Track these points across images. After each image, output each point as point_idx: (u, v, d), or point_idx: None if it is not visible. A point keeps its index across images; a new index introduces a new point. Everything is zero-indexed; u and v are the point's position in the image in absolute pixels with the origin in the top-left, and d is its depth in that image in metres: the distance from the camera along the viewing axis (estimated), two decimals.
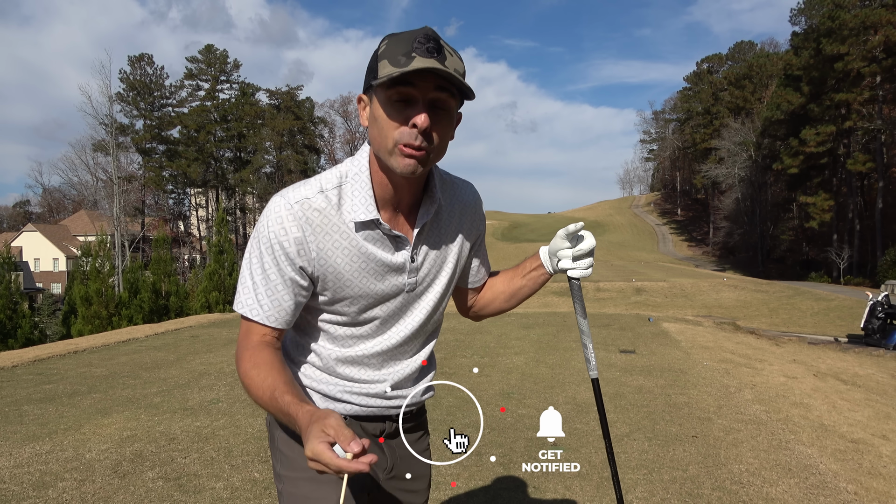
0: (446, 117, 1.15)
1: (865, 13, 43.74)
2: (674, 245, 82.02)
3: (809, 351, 12.15)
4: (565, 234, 1.37)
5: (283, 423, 1.36)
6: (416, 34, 1.10)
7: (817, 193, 51.64)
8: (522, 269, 1.48)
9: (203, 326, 10.91)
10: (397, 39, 1.11)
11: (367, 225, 1.22)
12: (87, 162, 58.34)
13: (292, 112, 70.36)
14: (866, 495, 3.37)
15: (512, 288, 1.49)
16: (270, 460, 3.95)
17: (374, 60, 1.13)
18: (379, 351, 1.33)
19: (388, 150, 1.14)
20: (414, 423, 1.45)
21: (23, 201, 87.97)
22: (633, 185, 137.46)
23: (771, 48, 78.72)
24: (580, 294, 1.45)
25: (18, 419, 4.72)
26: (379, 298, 1.28)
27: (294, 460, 1.29)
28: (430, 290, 1.34)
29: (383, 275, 1.26)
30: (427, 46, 1.08)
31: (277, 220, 1.19)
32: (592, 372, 1.48)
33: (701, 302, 26.18)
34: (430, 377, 1.46)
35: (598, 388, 1.51)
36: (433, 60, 1.08)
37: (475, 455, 3.87)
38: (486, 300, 1.54)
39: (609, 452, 1.51)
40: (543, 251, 1.44)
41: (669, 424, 4.61)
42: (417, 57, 1.07)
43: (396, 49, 1.10)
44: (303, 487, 1.24)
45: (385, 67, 1.09)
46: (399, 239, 1.25)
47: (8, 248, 18.29)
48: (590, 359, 1.48)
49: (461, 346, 8.31)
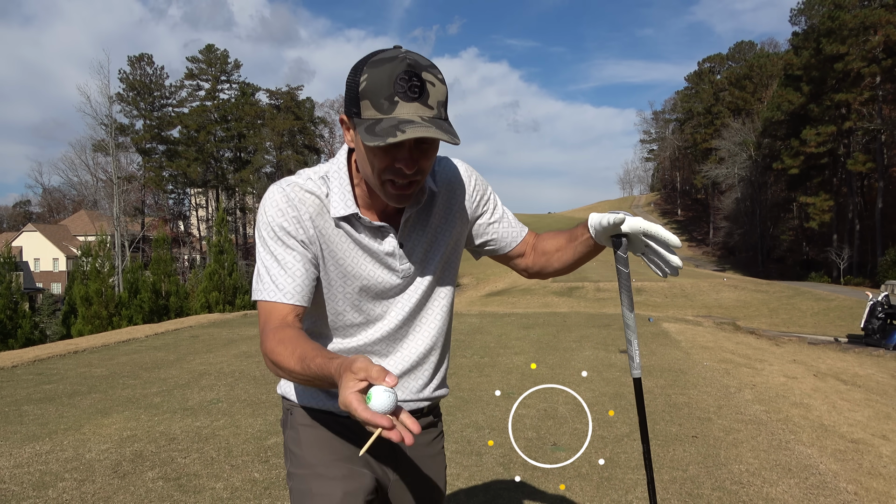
0: (431, 148, 1.16)
1: (865, 13, 43.76)
2: None
3: (809, 351, 12.15)
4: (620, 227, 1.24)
5: (290, 422, 1.39)
6: (396, 69, 1.07)
7: (817, 193, 51.67)
8: (574, 235, 1.39)
9: (203, 326, 10.91)
10: (378, 75, 1.08)
11: (348, 220, 1.26)
12: (87, 162, 58.43)
13: (292, 112, 70.36)
14: (866, 495, 3.37)
15: (564, 256, 1.42)
16: (271, 460, 3.94)
17: (355, 92, 1.11)
18: (380, 337, 1.34)
19: (377, 185, 1.18)
20: (425, 423, 1.44)
21: (23, 201, 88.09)
22: (634, 186, 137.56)
23: (771, 48, 78.75)
24: (628, 283, 1.31)
25: (18, 419, 4.72)
26: (375, 283, 1.30)
27: (302, 458, 1.31)
28: (426, 274, 1.35)
29: (375, 260, 1.29)
30: (410, 86, 1.07)
31: (273, 204, 1.24)
32: (635, 371, 1.37)
33: (701, 302, 26.19)
34: (442, 375, 1.45)
35: (640, 388, 1.41)
36: (416, 105, 1.07)
37: (475, 455, 3.87)
38: (540, 265, 1.47)
39: (646, 457, 1.40)
40: (593, 218, 1.32)
41: (669, 424, 4.61)
42: (400, 102, 1.07)
43: (378, 89, 1.08)
44: (310, 483, 1.26)
45: (367, 110, 1.09)
46: (383, 229, 1.27)
47: (8, 248, 18.29)
48: (633, 356, 1.36)
49: (461, 346, 8.31)
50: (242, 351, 7.97)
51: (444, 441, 1.56)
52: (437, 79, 1.11)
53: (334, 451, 1.31)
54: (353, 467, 1.29)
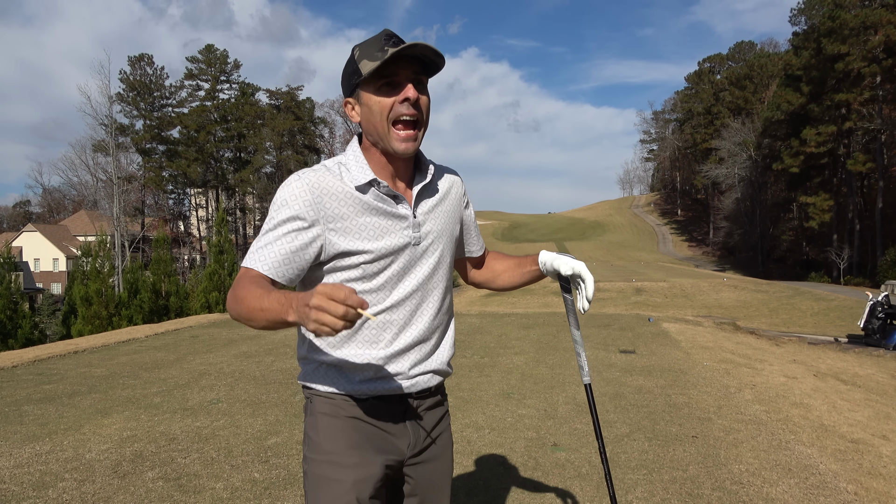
0: (426, 89, 1.39)
1: (866, 13, 43.75)
2: (674, 245, 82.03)
3: (809, 351, 12.15)
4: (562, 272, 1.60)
5: (310, 409, 1.47)
6: (380, 35, 1.34)
7: (817, 193, 51.64)
8: (522, 264, 1.70)
9: (203, 326, 10.90)
10: (366, 44, 1.35)
11: (367, 187, 1.39)
12: (87, 162, 58.37)
13: (292, 112, 70.39)
14: (866, 495, 3.37)
15: (511, 277, 1.72)
16: (271, 461, 3.95)
17: (353, 65, 1.36)
18: (392, 303, 1.42)
19: (385, 133, 1.35)
20: (433, 402, 1.57)
21: (23, 201, 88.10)
22: (633, 186, 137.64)
23: (770, 48, 78.78)
24: (573, 308, 1.64)
25: (18, 419, 4.72)
26: (388, 250, 1.40)
27: (319, 444, 1.40)
28: (433, 246, 1.48)
29: (389, 226, 1.40)
30: (393, 40, 1.32)
31: (289, 187, 1.36)
32: (585, 378, 1.72)
33: (701, 302, 26.18)
34: (449, 349, 1.56)
35: (590, 393, 1.73)
36: (403, 46, 1.31)
37: (475, 455, 3.87)
38: (485, 278, 1.76)
39: (602, 453, 1.71)
40: (543, 256, 1.64)
41: (669, 424, 4.61)
42: (390, 49, 1.30)
43: (370, 50, 1.33)
44: (324, 468, 1.37)
45: (366, 65, 1.32)
46: (398, 197, 1.42)
47: (8, 248, 18.27)
48: (583, 366, 1.72)
49: (461, 346, 8.31)
50: (242, 351, 7.97)
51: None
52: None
53: (349, 440, 1.41)
54: (366, 455, 1.40)
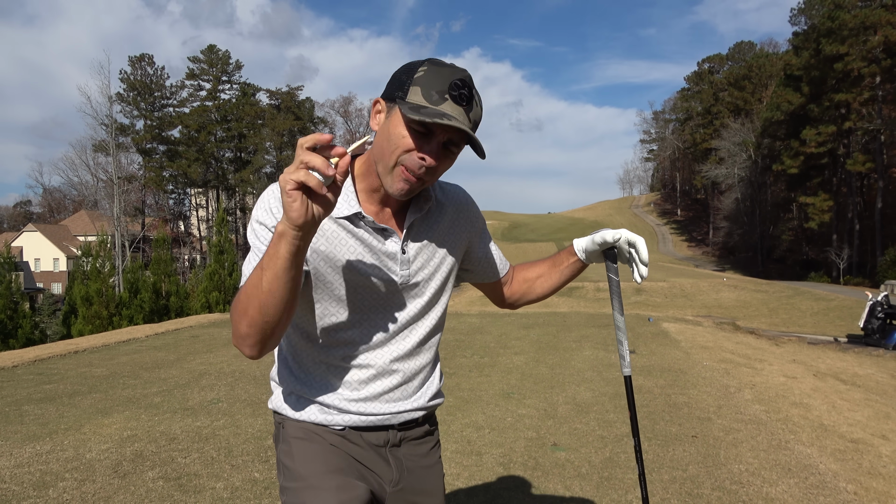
0: (451, 156, 1.21)
1: (865, 13, 43.75)
2: (674, 245, 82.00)
3: (809, 351, 12.15)
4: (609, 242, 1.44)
5: (282, 436, 1.35)
6: (455, 74, 1.16)
7: (817, 194, 51.65)
8: (558, 261, 1.55)
9: (203, 326, 10.91)
10: (437, 72, 1.16)
11: (351, 220, 1.24)
12: (88, 162, 58.26)
13: (292, 112, 70.33)
14: (866, 495, 3.37)
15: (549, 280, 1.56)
16: (271, 460, 3.94)
17: (408, 77, 1.17)
18: (374, 343, 1.30)
19: (388, 167, 1.18)
20: (421, 433, 1.42)
21: (23, 201, 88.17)
22: (633, 186, 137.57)
23: (770, 48, 78.77)
24: (619, 289, 1.49)
25: (19, 419, 4.72)
26: (372, 284, 1.27)
27: (295, 471, 1.28)
28: (426, 286, 1.34)
29: (374, 261, 1.26)
30: (461, 93, 1.14)
31: (263, 203, 1.22)
32: (626, 369, 1.54)
33: (701, 302, 26.20)
34: (437, 383, 1.43)
35: (630, 385, 1.56)
36: (461, 110, 1.15)
37: (475, 455, 3.87)
38: (521, 291, 1.60)
39: (637, 451, 1.55)
40: (578, 243, 1.50)
41: (669, 424, 4.62)
42: (449, 101, 1.14)
43: (433, 82, 1.14)
44: (304, 495, 1.24)
45: (415, 95, 1.14)
46: (386, 231, 1.26)
47: (8, 248, 18.30)
48: (624, 355, 1.54)
49: (461, 346, 8.31)
50: None
51: (445, 441, 1.57)
52: (480, 103, 1.21)
53: (327, 463, 1.28)
54: (347, 479, 1.27)
